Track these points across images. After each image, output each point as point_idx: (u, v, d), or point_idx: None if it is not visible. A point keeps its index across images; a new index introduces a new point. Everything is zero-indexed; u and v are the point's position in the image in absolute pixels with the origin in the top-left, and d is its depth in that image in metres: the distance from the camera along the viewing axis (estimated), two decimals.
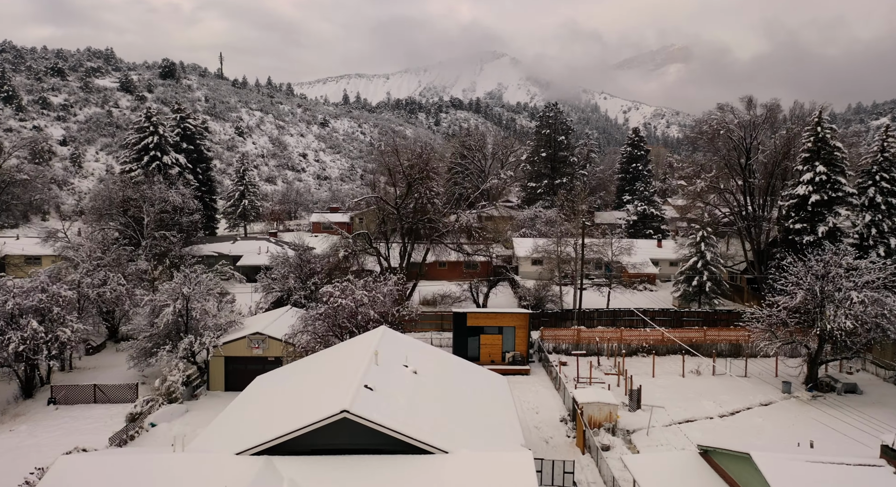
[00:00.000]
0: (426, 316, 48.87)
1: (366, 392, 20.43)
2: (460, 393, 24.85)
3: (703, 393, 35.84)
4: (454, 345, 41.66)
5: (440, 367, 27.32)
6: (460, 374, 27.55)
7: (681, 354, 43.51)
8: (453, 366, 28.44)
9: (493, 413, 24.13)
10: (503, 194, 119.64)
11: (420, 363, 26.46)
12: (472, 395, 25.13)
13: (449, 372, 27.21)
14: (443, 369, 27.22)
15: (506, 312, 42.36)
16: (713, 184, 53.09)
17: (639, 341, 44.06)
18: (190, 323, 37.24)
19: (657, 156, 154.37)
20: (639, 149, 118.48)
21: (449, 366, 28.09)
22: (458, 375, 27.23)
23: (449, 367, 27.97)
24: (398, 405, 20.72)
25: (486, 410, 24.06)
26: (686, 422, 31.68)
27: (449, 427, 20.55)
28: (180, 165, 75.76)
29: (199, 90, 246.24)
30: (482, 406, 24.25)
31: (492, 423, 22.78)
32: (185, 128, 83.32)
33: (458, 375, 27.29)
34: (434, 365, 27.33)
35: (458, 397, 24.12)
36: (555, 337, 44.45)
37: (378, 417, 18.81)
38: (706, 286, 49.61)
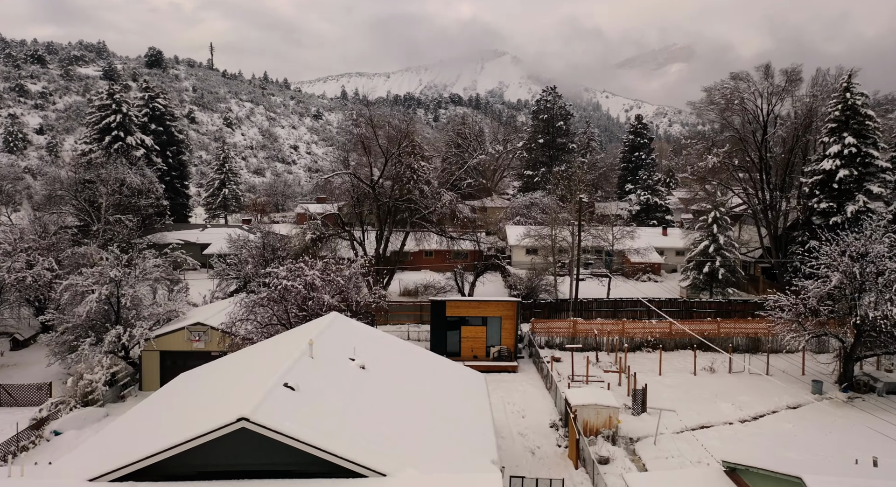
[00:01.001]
0: (403, 306, 44.01)
1: (283, 393, 15.54)
2: (421, 394, 19.96)
3: (719, 394, 30.98)
4: (431, 339, 36.79)
5: (400, 362, 22.46)
6: (425, 371, 22.66)
7: (691, 349, 38.68)
8: (418, 361, 23.56)
9: (462, 419, 19.25)
10: (499, 187, 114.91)
11: (375, 357, 21.61)
12: (436, 397, 20.23)
13: (410, 368, 22.33)
14: (403, 365, 22.35)
15: (491, 301, 37.47)
16: (726, 160, 48.14)
17: (643, 334, 39.18)
18: (121, 312, 32.33)
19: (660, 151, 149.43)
20: (641, 138, 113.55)
21: (412, 361, 23.21)
22: (421, 372, 22.34)
23: (412, 363, 23.09)
24: (328, 410, 15.84)
25: (453, 416, 19.18)
26: (701, 429, 26.79)
27: (394, 440, 15.66)
28: (146, 147, 70.78)
29: (186, 80, 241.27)
30: (448, 412, 19.37)
31: (457, 433, 17.90)
32: (153, 108, 78.33)
33: (423, 372, 22.40)
34: (393, 359, 22.46)
35: (416, 400, 19.21)
36: (547, 330, 39.58)
37: (291, 427, 13.92)
38: (719, 273, 44.64)
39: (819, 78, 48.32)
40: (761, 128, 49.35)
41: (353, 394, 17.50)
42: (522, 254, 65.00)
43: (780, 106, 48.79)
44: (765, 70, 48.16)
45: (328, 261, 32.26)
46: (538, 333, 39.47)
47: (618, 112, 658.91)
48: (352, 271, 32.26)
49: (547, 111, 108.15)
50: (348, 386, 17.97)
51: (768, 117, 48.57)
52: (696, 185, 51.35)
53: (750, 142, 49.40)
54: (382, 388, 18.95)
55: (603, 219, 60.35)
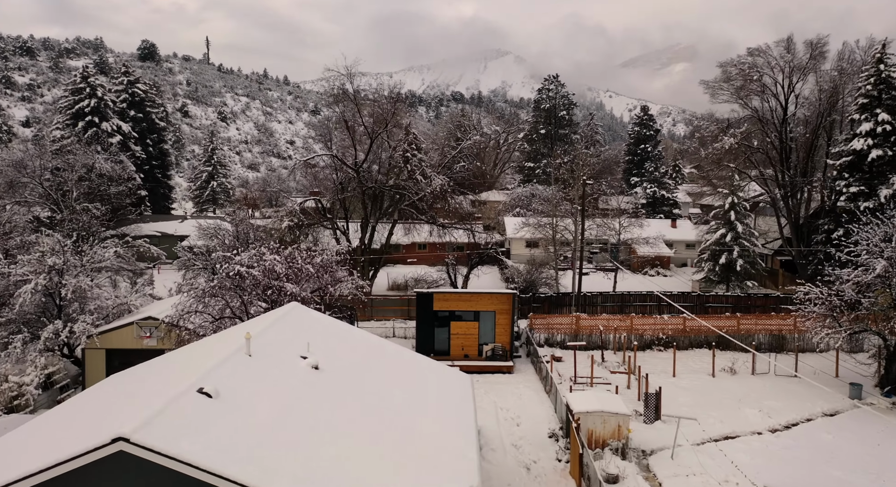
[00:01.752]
0: (389, 300, 40.38)
1: (194, 402, 11.91)
2: (388, 401, 16.31)
3: (743, 399, 27.30)
4: (417, 336, 33.16)
5: (368, 363, 18.82)
6: (399, 373, 19.03)
7: (707, 347, 35.05)
8: (391, 361, 19.92)
9: (437, 433, 15.63)
10: (500, 182, 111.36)
11: (336, 355, 18.03)
12: (407, 405, 16.59)
13: (380, 369, 18.69)
14: (371, 365, 18.71)
15: (484, 293, 33.81)
16: (744, 141, 44.32)
17: (654, 331, 35.51)
18: (63, 305, 28.71)
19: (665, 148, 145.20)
20: (647, 129, 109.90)
21: (384, 361, 19.57)
22: (393, 374, 18.70)
23: (383, 363, 19.45)
24: (254, 423, 12.20)
25: (426, 429, 15.55)
26: (725, 439, 23.12)
27: (341, 464, 12.03)
28: (123, 134, 67.20)
29: (181, 73, 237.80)
30: (420, 424, 15.73)
31: (429, 451, 14.26)
32: (133, 93, 74.71)
33: (395, 374, 18.77)
34: (360, 359, 18.84)
35: (380, 409, 15.56)
36: (547, 326, 35.93)
37: (190, 449, 10.29)
38: (736, 265, 40.88)
39: (846, 52, 44.57)
40: (782, 108, 45.57)
41: (296, 402, 13.86)
42: (522, 247, 61.46)
43: (802, 84, 45.07)
44: (786, 43, 44.38)
45: (297, 247, 28.65)
46: (537, 330, 35.84)
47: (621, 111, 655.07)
48: (325, 259, 28.64)
49: (549, 100, 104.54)
50: (292, 391, 14.33)
51: (790, 95, 44.78)
52: (709, 170, 47.56)
53: (769, 124, 45.62)
54: (338, 394, 15.30)
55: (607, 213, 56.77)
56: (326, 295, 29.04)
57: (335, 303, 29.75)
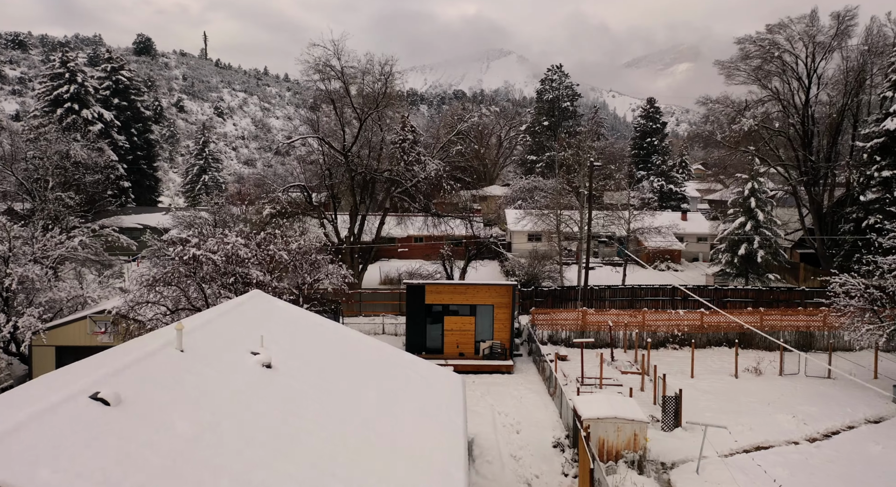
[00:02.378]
0: (378, 294, 37.45)
1: (82, 412, 8.97)
2: (357, 405, 13.37)
3: (772, 403, 24.33)
4: (407, 333, 30.23)
5: (340, 359, 15.90)
6: (376, 372, 16.10)
7: (727, 345, 32.16)
8: (368, 358, 16.99)
9: (417, 443, 12.73)
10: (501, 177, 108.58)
11: (301, 351, 15.14)
12: (381, 409, 13.65)
13: (353, 367, 15.76)
14: (342, 362, 15.78)
15: (481, 284, 30.83)
16: (764, 123, 41.23)
17: (668, 327, 32.53)
18: (7, 296, 25.81)
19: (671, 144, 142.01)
20: (654, 122, 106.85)
21: (359, 358, 16.64)
22: (368, 373, 15.77)
23: (358, 360, 16.52)
24: (170, 438, 9.25)
25: (402, 438, 12.63)
26: (757, 450, 20.15)
27: None
28: (105, 122, 64.32)
29: (177, 68, 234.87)
30: (395, 431, 12.80)
31: (402, 467, 11.34)
32: (117, 80, 71.79)
33: (371, 373, 15.83)
34: (329, 355, 15.92)
35: (345, 417, 12.60)
36: (551, 322, 32.96)
37: (49, 481, 7.36)
38: (757, 255, 37.80)
39: (874, 27, 41.44)
40: (804, 88, 42.48)
41: (233, 410, 10.91)
42: (524, 241, 58.53)
43: (825, 63, 41.97)
44: (809, 18, 41.29)
45: (271, 233, 25.73)
46: (539, 326, 32.87)
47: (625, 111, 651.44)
48: (303, 245, 25.72)
49: (552, 91, 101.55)
50: (231, 396, 11.37)
51: (813, 74, 41.67)
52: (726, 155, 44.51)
53: (789, 105, 42.56)
54: (292, 399, 12.35)
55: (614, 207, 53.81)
56: (305, 286, 26.15)
57: (315, 296, 26.85)
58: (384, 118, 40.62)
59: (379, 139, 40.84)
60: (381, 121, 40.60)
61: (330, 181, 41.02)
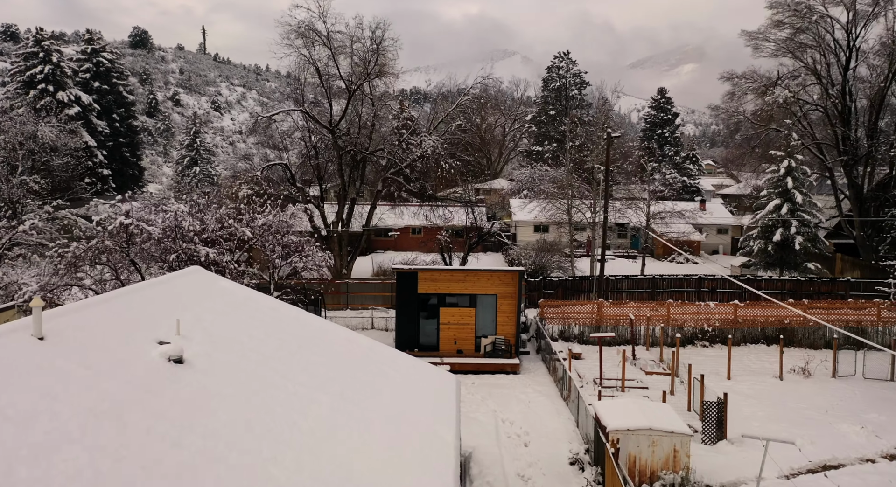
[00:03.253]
0: (367, 284, 33.73)
1: None
2: (303, 416, 9.60)
3: (830, 410, 20.52)
4: (398, 328, 26.47)
5: (294, 354, 12.14)
6: (342, 370, 12.37)
7: (763, 342, 28.39)
8: (335, 353, 13.27)
9: (385, 469, 9.02)
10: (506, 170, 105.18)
11: (240, 342, 11.40)
12: (337, 420, 9.91)
13: (310, 363, 11.99)
14: (298, 358, 12.03)
15: (483, 271, 27.04)
16: (800, 97, 37.35)
17: (696, 322, 28.70)
18: None
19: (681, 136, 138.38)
20: (665, 113, 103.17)
21: (322, 352, 12.91)
22: (331, 372, 12.02)
23: (321, 354, 12.79)
24: None
25: (360, 461, 8.91)
26: (825, 469, 16.35)
27: None
28: (83, 105, 60.74)
29: (174, 62, 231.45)
30: (352, 451, 9.08)
31: None
32: (98, 63, 68.28)
33: (334, 372, 12.09)
34: (280, 348, 12.14)
35: (277, 431, 8.84)
36: (562, 316, 29.19)
37: None
38: (795, 242, 33.89)
39: None
40: (841, 60, 38.62)
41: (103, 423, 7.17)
42: (530, 232, 54.91)
43: (864, 31, 38.12)
44: None
45: (235, 208, 22.05)
46: (549, 320, 29.10)
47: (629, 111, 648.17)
48: (271, 221, 22.02)
49: (559, 78, 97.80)
50: (103, 403, 7.62)
51: (854, 43, 37.79)
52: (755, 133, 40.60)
53: (826, 79, 38.67)
54: (205, 407, 8.59)
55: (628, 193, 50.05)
56: (276, 271, 22.44)
57: (287, 283, 23.15)
58: (376, 90, 36.92)
59: (370, 114, 37.15)
60: (373, 94, 36.89)
61: (316, 161, 37.35)
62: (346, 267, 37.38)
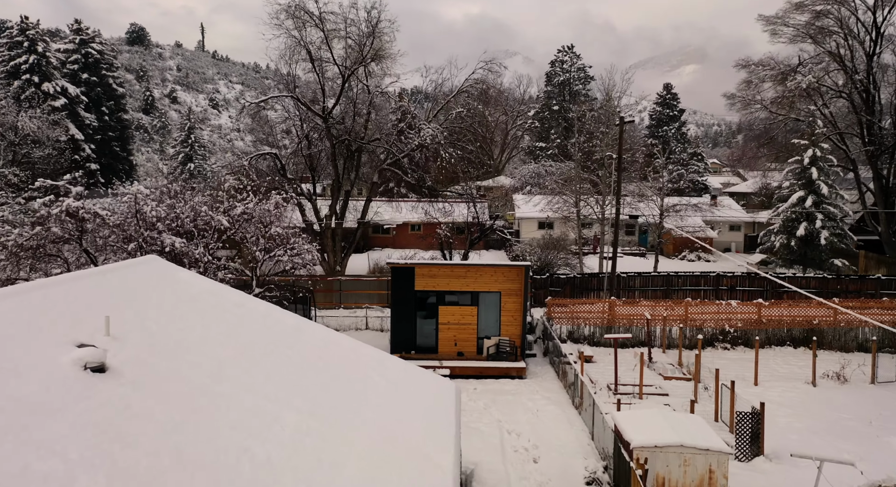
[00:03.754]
0: (361, 282, 31.71)
1: None
2: (259, 438, 7.56)
3: (875, 421, 18.47)
4: (393, 328, 24.43)
5: (262, 359, 10.10)
6: (313, 376, 10.32)
7: (792, 345, 26.35)
8: (313, 357, 11.23)
9: None
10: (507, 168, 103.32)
11: (188, 343, 9.35)
12: (297, 445, 7.86)
13: (277, 370, 9.93)
14: (263, 363, 9.97)
15: (486, 266, 24.97)
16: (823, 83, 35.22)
17: (716, 322, 26.64)
18: None
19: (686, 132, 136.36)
20: (671, 109, 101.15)
21: (293, 355, 10.86)
22: (299, 380, 9.96)
23: (294, 358, 10.74)
24: None
25: None
26: None
27: None
28: (70, 97, 58.76)
29: (171, 59, 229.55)
30: (321, 482, 7.05)
31: None
32: (86, 54, 66.28)
33: (303, 379, 10.03)
34: (237, 349, 10.09)
35: (223, 460, 6.81)
36: (571, 316, 27.14)
37: None
38: (820, 237, 31.78)
39: None
40: (864, 46, 36.54)
41: None
42: (534, 228, 52.85)
43: (893, 15, 36.02)
44: None
45: (212, 195, 20.04)
46: (557, 320, 27.05)
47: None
48: (252, 209, 20.00)
49: (563, 73, 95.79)
50: None
51: (881, 27, 35.68)
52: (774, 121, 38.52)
53: (849, 66, 36.59)
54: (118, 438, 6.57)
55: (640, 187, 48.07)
56: (258, 266, 20.41)
57: (271, 279, 21.13)
58: (372, 76, 34.89)
59: (366, 101, 35.10)
60: (369, 80, 34.83)
61: (308, 150, 35.31)
62: (340, 263, 35.37)
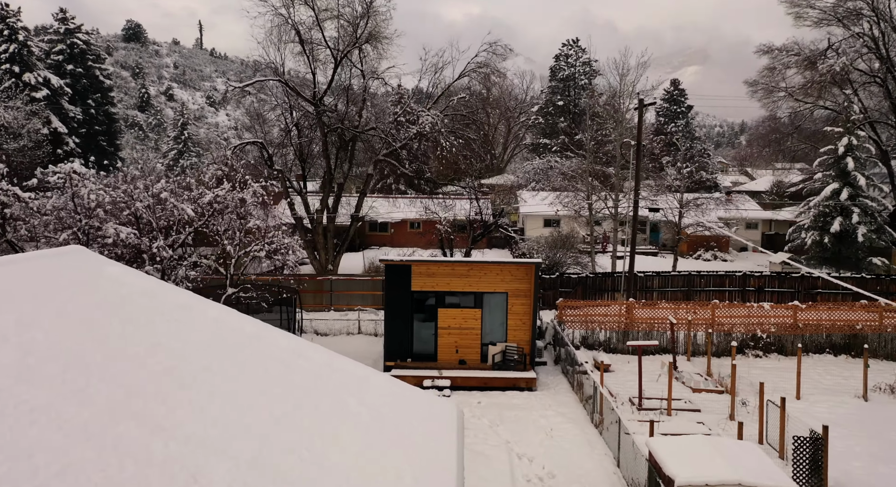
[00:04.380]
0: (355, 282, 29.20)
1: None
2: None
3: None
4: (387, 333, 21.93)
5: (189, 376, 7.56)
6: (266, 402, 7.75)
7: (831, 352, 23.83)
8: (269, 372, 8.67)
9: None
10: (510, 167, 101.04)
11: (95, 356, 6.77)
12: None
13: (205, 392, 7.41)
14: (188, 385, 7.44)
15: (491, 263, 22.41)
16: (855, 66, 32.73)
17: (747, 327, 24.12)
18: None
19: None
20: (678, 105, 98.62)
21: (247, 371, 8.32)
22: (248, 404, 7.42)
23: (245, 374, 8.21)
24: None
25: None
26: None
27: None
28: (52, 88, 56.33)
29: (168, 57, 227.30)
30: None
31: None
32: (72, 44, 63.82)
33: (253, 405, 7.48)
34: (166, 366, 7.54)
35: None
36: (585, 319, 24.62)
37: None
38: (857, 233, 29.20)
39: None
40: None
41: None
42: (539, 226, 50.43)
43: None
44: None
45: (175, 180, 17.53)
46: (569, 323, 24.52)
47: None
48: (225, 197, 17.53)
49: (568, 67, 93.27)
50: None
51: None
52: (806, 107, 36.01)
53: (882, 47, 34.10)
54: None
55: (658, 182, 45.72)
56: (230, 263, 17.91)
57: (244, 278, 18.64)
58: (367, 59, 32.42)
59: (361, 87, 32.64)
60: (364, 63, 32.36)
61: (299, 139, 32.86)
62: (332, 262, 32.89)
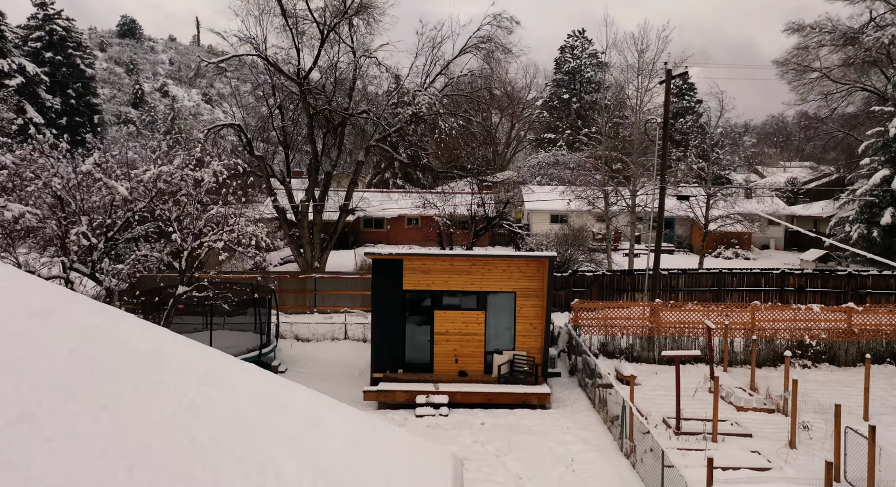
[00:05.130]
0: (341, 280, 26.13)
1: None
2: None
3: None
4: (374, 340, 18.86)
5: None
6: (134, 468, 4.62)
7: (892, 363, 20.71)
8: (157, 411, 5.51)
9: None
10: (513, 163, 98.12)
11: None
12: None
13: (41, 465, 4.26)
14: None
15: (497, 257, 19.26)
16: None
17: (792, 332, 21.00)
18: None
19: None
20: (687, 100, 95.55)
21: (115, 413, 5.17)
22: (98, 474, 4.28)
23: (111, 420, 5.05)
24: None
25: None
26: None
27: None
28: (27, 76, 53.39)
29: (164, 53, 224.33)
30: None
31: None
32: (51, 30, 60.95)
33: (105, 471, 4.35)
34: None
35: None
36: (604, 322, 21.53)
37: None
38: None
39: None
40: None
41: None
42: (546, 222, 47.53)
43: None
44: None
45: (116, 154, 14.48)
46: (585, 328, 21.41)
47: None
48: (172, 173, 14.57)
49: (573, 59, 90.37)
50: None
51: None
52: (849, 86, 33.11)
53: None
54: None
55: None
56: (183, 255, 14.90)
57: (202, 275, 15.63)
58: (357, 34, 29.41)
59: (350, 67, 29.66)
60: (354, 38, 29.35)
61: (282, 123, 29.88)
62: (318, 259, 29.85)
